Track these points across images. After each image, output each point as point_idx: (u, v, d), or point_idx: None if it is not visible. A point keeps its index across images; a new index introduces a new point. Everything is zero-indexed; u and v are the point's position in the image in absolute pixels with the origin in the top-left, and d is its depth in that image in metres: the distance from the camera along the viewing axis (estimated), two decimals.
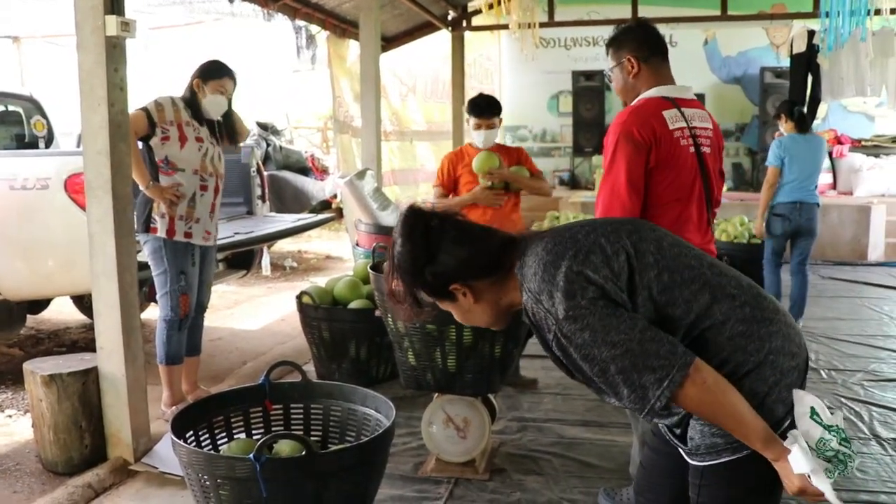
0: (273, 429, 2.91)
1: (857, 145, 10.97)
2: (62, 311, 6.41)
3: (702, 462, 1.69)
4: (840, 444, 1.56)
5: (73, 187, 4.71)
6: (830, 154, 10.91)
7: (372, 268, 3.44)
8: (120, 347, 3.48)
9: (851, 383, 4.75)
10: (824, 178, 10.76)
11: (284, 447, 2.60)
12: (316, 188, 9.41)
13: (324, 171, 10.27)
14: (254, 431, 2.96)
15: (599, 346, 1.57)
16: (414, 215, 1.78)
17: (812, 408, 1.59)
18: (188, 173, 4.03)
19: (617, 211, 2.67)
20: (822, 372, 4.98)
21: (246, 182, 6.56)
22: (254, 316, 6.83)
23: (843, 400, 4.43)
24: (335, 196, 9.07)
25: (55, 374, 3.43)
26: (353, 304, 4.33)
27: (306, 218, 6.97)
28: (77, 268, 4.79)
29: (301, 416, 2.99)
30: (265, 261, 9.13)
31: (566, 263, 1.63)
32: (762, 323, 1.65)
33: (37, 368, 3.50)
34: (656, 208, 2.74)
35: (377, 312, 4.10)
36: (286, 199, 8.73)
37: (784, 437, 1.57)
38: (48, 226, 4.78)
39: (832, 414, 1.60)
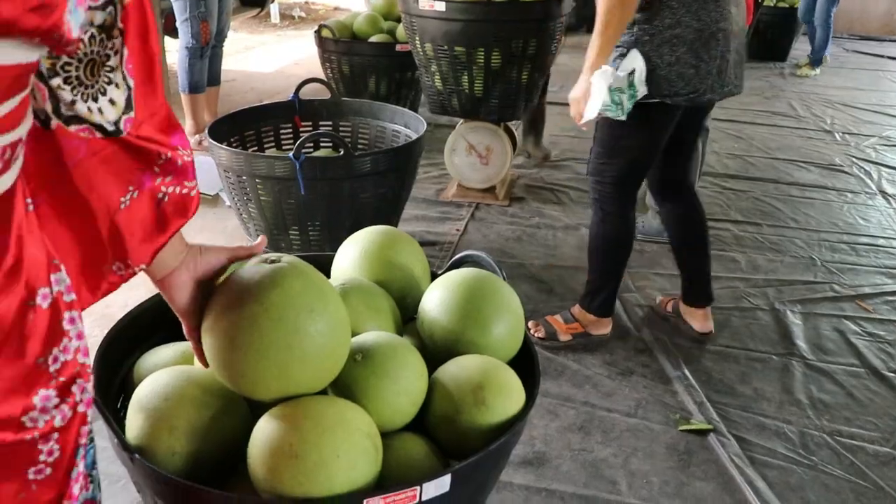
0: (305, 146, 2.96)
1: None
2: None
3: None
4: (628, 100, 1.98)
5: None
6: None
7: None
8: None
9: (864, 146, 4.80)
10: None
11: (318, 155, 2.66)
12: None
13: None
14: (284, 147, 3.02)
15: None
16: None
17: (635, 69, 1.98)
18: None
19: None
20: (836, 135, 5.01)
21: None
22: (266, 60, 6.71)
23: (854, 160, 4.49)
24: None
25: None
26: (373, 39, 4.25)
27: None
28: None
29: (337, 135, 3.03)
30: (274, 9, 8.84)
31: None
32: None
33: None
34: None
35: (400, 47, 4.06)
36: None
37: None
38: None
39: (639, 88, 1.99)
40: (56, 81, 0.75)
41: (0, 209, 0.65)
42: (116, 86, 0.78)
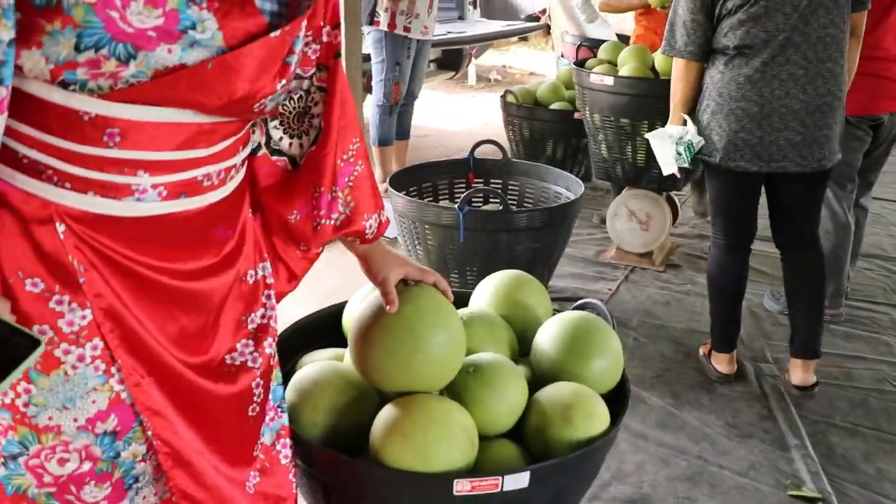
0: (473, 200, 3.29)
1: None
2: None
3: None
4: (685, 150, 2.43)
5: None
6: None
7: (576, 64, 3.63)
8: None
9: None
10: None
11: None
12: (525, 1, 9.42)
13: None
14: (456, 200, 3.36)
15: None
16: None
17: (688, 124, 2.44)
18: None
19: None
20: None
21: None
22: (458, 120, 7.20)
23: None
24: (544, 11, 9.05)
25: None
26: (553, 106, 4.55)
27: (515, 24, 7.09)
28: None
29: (499, 191, 3.34)
30: (471, 71, 9.41)
31: None
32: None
33: None
34: None
35: (577, 115, 4.32)
36: (496, 10, 8.84)
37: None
38: None
39: (696, 144, 2.43)
40: (273, 124, 1.11)
41: (223, 210, 0.98)
42: (318, 129, 1.12)
